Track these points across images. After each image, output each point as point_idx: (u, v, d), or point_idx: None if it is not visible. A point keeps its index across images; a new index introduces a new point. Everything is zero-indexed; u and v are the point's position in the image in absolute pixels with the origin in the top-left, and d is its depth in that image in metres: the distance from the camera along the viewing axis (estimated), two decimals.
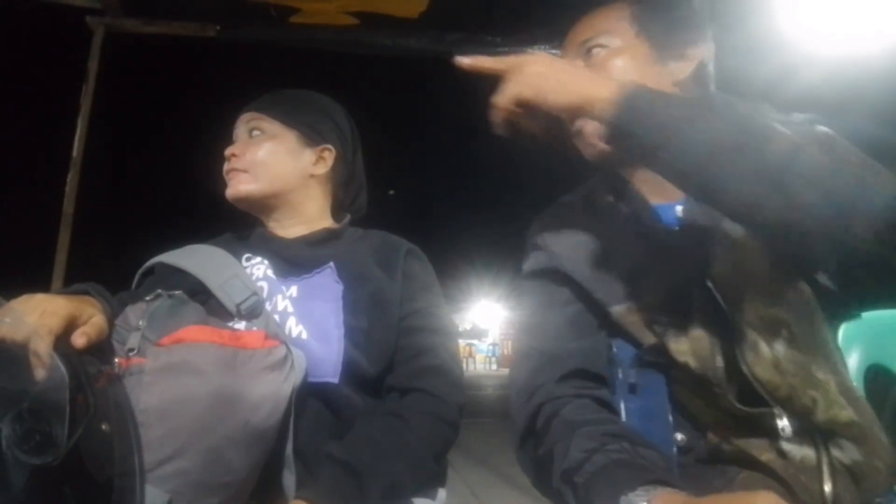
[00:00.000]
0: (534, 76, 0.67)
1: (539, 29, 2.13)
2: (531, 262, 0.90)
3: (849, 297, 0.75)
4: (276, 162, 1.03)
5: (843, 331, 0.79)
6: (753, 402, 0.69)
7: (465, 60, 0.71)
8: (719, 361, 0.70)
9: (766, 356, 0.69)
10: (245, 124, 1.06)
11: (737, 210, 0.67)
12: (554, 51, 2.15)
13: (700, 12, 0.90)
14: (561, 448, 0.68)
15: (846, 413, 0.67)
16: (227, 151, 1.03)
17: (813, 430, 0.68)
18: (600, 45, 0.83)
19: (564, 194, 0.97)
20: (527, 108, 0.69)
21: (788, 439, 0.67)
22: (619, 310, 0.78)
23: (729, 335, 0.71)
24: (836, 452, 0.67)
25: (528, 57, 0.69)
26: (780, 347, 0.69)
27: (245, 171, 1.01)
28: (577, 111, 0.67)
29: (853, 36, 2.16)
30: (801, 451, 0.68)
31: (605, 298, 0.79)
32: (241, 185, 1.01)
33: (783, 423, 0.67)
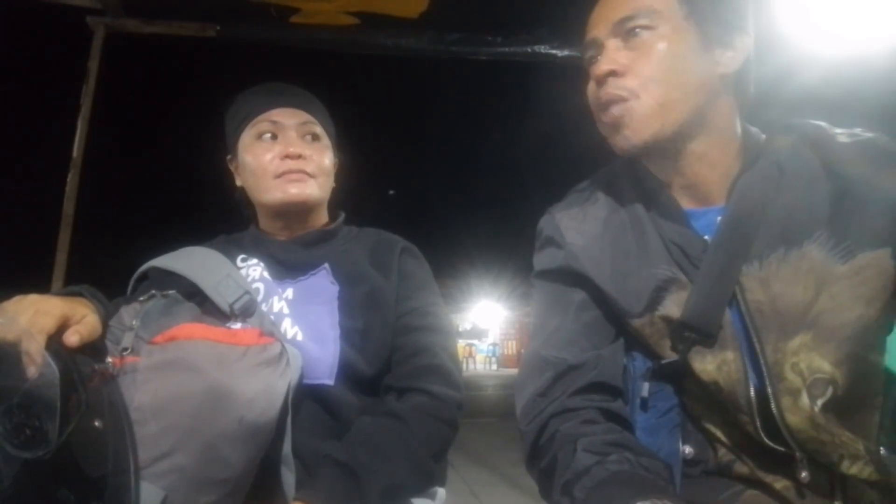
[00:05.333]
0: None
1: (540, 29, 2.13)
2: (545, 258, 0.82)
3: None
4: (331, 173, 1.05)
5: None
6: (776, 439, 0.67)
7: None
8: (752, 392, 0.67)
9: (805, 409, 0.65)
10: (297, 121, 1.00)
11: None
12: (554, 51, 2.15)
13: None
14: (562, 459, 0.66)
15: (874, 473, 0.65)
16: (294, 150, 0.97)
17: (834, 480, 0.66)
18: (644, 27, 0.70)
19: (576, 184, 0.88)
20: None
21: (807, 482, 0.66)
22: (638, 322, 0.73)
23: (761, 367, 0.67)
24: (855, 496, 0.66)
25: None
26: (821, 402, 0.65)
27: (314, 176, 0.99)
28: None
29: (853, 36, 2.16)
30: (819, 490, 0.66)
31: (625, 307, 0.74)
32: (311, 189, 0.99)
33: (804, 471, 0.66)
